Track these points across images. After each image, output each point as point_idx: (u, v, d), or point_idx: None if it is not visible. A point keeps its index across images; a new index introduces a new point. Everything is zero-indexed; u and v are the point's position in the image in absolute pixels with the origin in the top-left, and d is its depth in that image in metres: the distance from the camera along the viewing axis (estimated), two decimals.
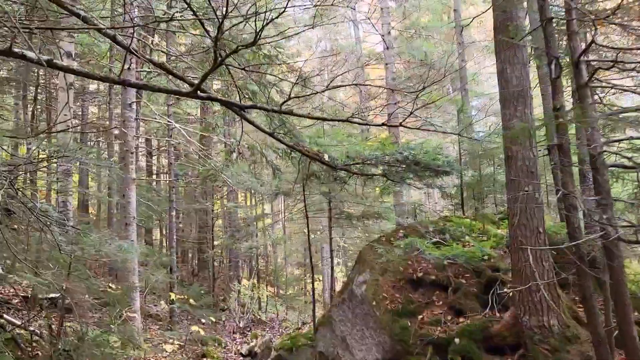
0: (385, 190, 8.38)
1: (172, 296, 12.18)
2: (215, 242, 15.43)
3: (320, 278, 22.31)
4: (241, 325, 14.58)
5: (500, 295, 5.76)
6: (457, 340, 5.28)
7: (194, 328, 11.21)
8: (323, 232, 15.53)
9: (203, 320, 12.36)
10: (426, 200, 10.77)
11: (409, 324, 5.84)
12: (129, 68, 11.53)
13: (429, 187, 8.94)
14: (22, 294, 11.01)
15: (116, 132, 14.52)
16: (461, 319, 5.58)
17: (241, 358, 12.82)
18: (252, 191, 13.76)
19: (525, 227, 5.36)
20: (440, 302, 5.92)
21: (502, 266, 6.06)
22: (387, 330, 5.98)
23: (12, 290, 11.54)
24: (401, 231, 7.13)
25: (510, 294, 5.66)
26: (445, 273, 6.11)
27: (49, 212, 6.92)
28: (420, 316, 5.85)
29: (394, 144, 8.10)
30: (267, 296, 16.52)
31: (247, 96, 6.93)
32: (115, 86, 14.39)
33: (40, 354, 7.76)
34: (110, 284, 9.66)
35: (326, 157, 6.74)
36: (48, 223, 6.39)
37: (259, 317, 16.02)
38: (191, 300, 12.19)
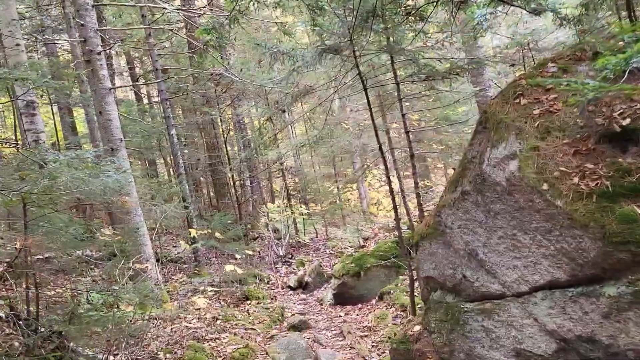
0: (481, 26, 5.38)
1: (193, 233, 9.63)
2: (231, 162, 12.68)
3: (354, 187, 19.78)
4: (281, 254, 12.19)
5: None
6: None
7: (228, 267, 8.73)
8: (362, 122, 12.61)
9: (237, 256, 9.90)
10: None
11: (639, 211, 3.10)
12: None
13: (536, 14, 6.01)
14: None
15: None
16: None
17: (290, 292, 10.50)
18: (266, 89, 10.77)
19: None
20: None
21: None
22: (593, 228, 3.26)
23: None
24: (550, 65, 4.23)
25: None
26: None
27: None
28: None
29: None
30: (303, 215, 14.04)
31: None
32: None
33: (16, 344, 5.27)
34: (103, 229, 7.04)
35: None
36: None
37: (297, 240, 13.62)
38: (217, 234, 9.65)
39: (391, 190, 5.89)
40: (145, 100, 19.81)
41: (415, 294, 5.91)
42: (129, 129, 12.13)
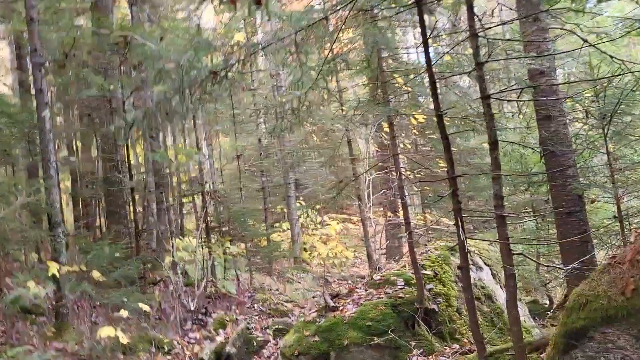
0: None
1: (53, 269, 5.93)
2: (134, 175, 9.01)
3: (287, 227, 16.48)
4: (192, 308, 8.59)
5: None
6: None
7: (105, 332, 5.14)
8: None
9: (124, 313, 6.22)
10: None
11: None
12: None
13: None
14: None
15: None
16: None
17: None
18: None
19: None
20: None
21: None
22: None
23: None
24: None
25: None
26: None
27: None
28: None
29: None
30: (228, 255, 10.61)
31: None
32: None
33: None
34: None
35: None
36: None
37: (215, 289, 10.07)
38: (95, 274, 6.03)
39: (459, 225, 2.83)
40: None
41: None
42: None
